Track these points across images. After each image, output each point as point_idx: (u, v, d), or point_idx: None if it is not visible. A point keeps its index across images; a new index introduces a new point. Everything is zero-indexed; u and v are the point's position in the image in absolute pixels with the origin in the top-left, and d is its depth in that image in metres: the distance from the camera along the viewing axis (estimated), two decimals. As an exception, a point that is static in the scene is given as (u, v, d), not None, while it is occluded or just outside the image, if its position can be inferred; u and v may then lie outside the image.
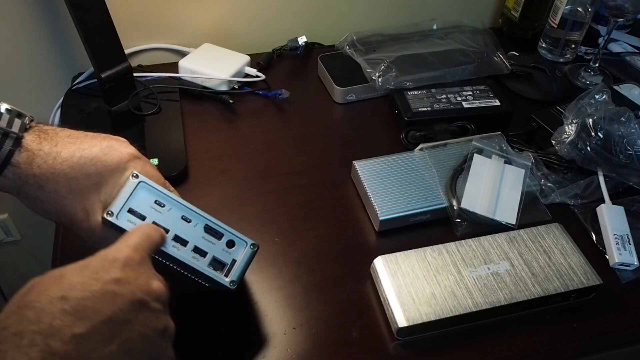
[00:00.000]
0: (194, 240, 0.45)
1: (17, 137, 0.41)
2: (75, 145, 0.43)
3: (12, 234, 1.02)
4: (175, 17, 0.83)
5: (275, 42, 0.86)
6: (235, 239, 0.46)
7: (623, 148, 0.63)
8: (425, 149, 0.66)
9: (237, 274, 0.45)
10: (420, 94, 0.74)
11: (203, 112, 0.75)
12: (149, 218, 0.44)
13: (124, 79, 0.69)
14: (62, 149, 0.43)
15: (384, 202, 0.59)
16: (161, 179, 0.48)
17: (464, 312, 0.49)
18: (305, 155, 0.69)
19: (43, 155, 0.42)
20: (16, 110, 0.43)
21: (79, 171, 0.42)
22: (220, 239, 0.46)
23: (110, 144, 0.45)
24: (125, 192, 0.43)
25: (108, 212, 0.42)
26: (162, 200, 0.45)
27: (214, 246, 0.45)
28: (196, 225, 0.45)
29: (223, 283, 0.45)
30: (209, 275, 0.44)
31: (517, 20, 0.93)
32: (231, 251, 0.46)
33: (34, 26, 0.75)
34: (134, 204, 0.43)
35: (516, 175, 0.63)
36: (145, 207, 0.44)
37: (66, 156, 0.42)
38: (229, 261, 0.45)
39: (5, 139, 0.41)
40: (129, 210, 0.43)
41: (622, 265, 0.57)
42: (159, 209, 0.44)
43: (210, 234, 0.46)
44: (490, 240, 0.55)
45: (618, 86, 0.78)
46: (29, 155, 0.42)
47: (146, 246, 0.39)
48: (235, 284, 0.45)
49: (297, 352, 0.49)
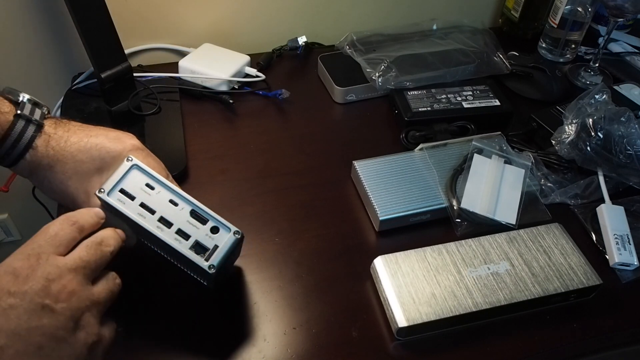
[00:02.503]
0: (178, 223, 0.45)
1: (39, 124, 0.46)
2: (84, 132, 0.48)
3: (12, 234, 1.02)
4: (175, 17, 0.83)
5: (275, 42, 0.86)
6: (220, 225, 0.46)
7: (623, 148, 0.63)
8: (425, 149, 0.66)
9: (218, 259, 0.45)
10: (420, 94, 0.74)
11: (203, 112, 0.75)
12: (138, 199, 0.46)
13: (124, 79, 0.69)
14: (73, 134, 0.47)
15: (384, 202, 0.59)
16: (163, 172, 0.49)
17: (464, 312, 0.49)
18: (305, 155, 0.69)
19: (57, 138, 0.47)
20: (34, 99, 0.47)
21: (85, 154, 0.46)
22: (205, 224, 0.46)
23: (117, 135, 0.49)
24: (118, 173, 0.46)
25: (100, 189, 0.45)
26: (152, 184, 0.46)
27: (198, 230, 0.46)
28: (182, 209, 0.46)
29: (202, 266, 0.44)
30: (188, 258, 0.44)
31: (517, 20, 0.93)
32: (215, 237, 0.46)
33: (34, 26, 0.76)
34: (125, 185, 0.46)
35: (516, 175, 0.63)
36: (136, 189, 0.46)
37: (75, 140, 0.47)
38: (211, 246, 0.45)
39: (28, 125, 0.46)
40: (120, 190, 0.45)
41: (622, 265, 0.57)
42: (149, 191, 0.46)
43: (196, 218, 0.46)
44: (490, 240, 0.55)
45: (618, 86, 0.78)
46: (46, 138, 0.46)
47: (50, 245, 0.38)
48: (214, 269, 0.44)
49: (297, 352, 0.49)
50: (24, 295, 0.34)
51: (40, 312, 0.34)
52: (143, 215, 0.45)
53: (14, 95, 0.47)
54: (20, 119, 0.45)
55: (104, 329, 0.39)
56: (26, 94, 0.47)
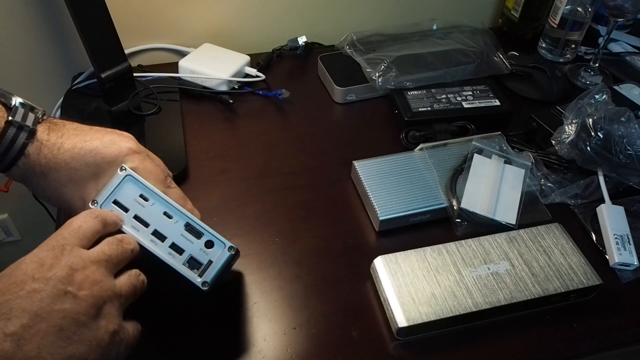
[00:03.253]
0: (172, 236, 0.45)
1: (31, 130, 0.44)
2: (78, 137, 0.46)
3: (12, 234, 1.02)
4: (175, 17, 0.83)
5: (275, 42, 0.86)
6: (215, 240, 0.46)
7: (623, 148, 0.63)
8: (425, 149, 0.66)
9: (211, 275, 0.44)
10: (420, 94, 0.74)
11: (203, 112, 0.75)
12: (132, 211, 0.45)
13: (124, 79, 0.69)
14: (66, 140, 0.45)
15: (384, 202, 0.59)
16: (161, 175, 0.48)
17: (464, 312, 0.49)
18: (305, 155, 0.69)
19: (49, 146, 0.45)
20: (29, 104, 0.46)
21: (79, 161, 0.45)
22: (200, 238, 0.45)
23: (112, 138, 0.47)
24: (112, 184, 0.45)
25: (93, 201, 0.44)
26: (146, 195, 0.46)
27: (192, 245, 0.45)
28: (177, 223, 0.45)
29: (195, 283, 0.44)
30: (182, 274, 0.44)
31: (517, 20, 0.93)
32: (209, 252, 0.45)
33: (34, 26, 0.76)
34: (119, 196, 0.45)
35: (516, 175, 0.63)
36: (130, 200, 0.45)
37: (68, 147, 0.45)
38: (205, 261, 0.45)
39: (20, 132, 0.44)
40: (114, 202, 0.45)
41: (622, 265, 0.57)
42: (143, 202, 0.45)
43: (190, 232, 0.45)
44: (490, 240, 0.55)
45: (618, 86, 0.78)
46: (38, 145, 0.44)
47: (74, 238, 0.39)
48: (208, 286, 0.44)
49: (297, 352, 0.49)
50: (47, 281, 0.35)
51: (63, 297, 0.35)
52: (137, 228, 0.45)
53: (6, 98, 0.45)
54: (11, 126, 0.43)
55: (127, 324, 0.39)
56: (19, 98, 0.45)
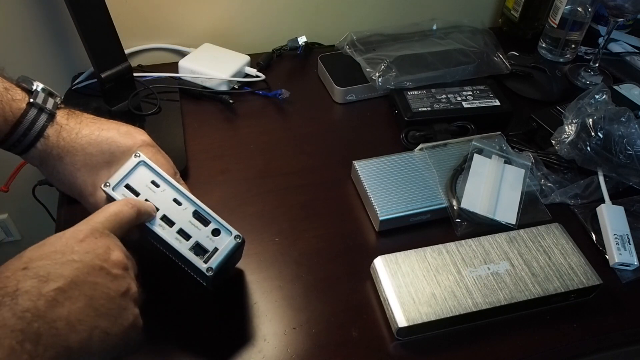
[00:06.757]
0: (180, 222, 0.46)
1: (51, 113, 0.46)
2: (96, 125, 0.48)
3: (12, 234, 1.02)
4: (175, 17, 0.83)
5: (275, 42, 0.86)
6: (222, 228, 0.47)
7: (623, 148, 0.63)
8: (425, 149, 0.66)
9: (216, 262, 0.45)
10: (420, 94, 0.74)
11: (203, 112, 0.75)
12: (142, 195, 0.46)
13: (124, 79, 0.69)
14: (84, 127, 0.48)
15: (384, 202, 0.59)
16: (171, 170, 0.50)
17: (464, 312, 0.49)
18: (305, 155, 0.69)
19: (68, 130, 0.47)
20: (48, 89, 0.48)
21: (95, 147, 0.47)
22: (207, 225, 0.47)
23: (128, 130, 0.49)
24: (125, 168, 0.47)
25: (106, 183, 0.46)
26: (158, 181, 0.47)
27: (199, 232, 0.46)
28: (185, 209, 0.47)
29: (200, 268, 0.45)
30: (187, 259, 0.45)
31: (517, 20, 0.93)
32: (215, 239, 0.46)
33: (33, 26, 0.76)
34: (131, 181, 0.47)
35: (516, 175, 0.63)
36: (142, 185, 0.47)
37: (86, 132, 0.47)
38: (211, 248, 0.46)
39: (40, 114, 0.46)
40: (125, 186, 0.46)
41: (622, 265, 0.57)
42: (154, 188, 0.47)
43: (198, 219, 0.46)
44: (490, 240, 0.55)
45: (618, 86, 0.78)
46: (57, 128, 0.47)
47: (111, 223, 0.40)
48: (212, 272, 0.45)
49: (297, 352, 0.49)
50: (86, 254, 0.36)
51: (98, 271, 0.36)
52: None
53: (28, 83, 0.47)
54: (32, 107, 0.45)
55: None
56: (40, 83, 0.47)
